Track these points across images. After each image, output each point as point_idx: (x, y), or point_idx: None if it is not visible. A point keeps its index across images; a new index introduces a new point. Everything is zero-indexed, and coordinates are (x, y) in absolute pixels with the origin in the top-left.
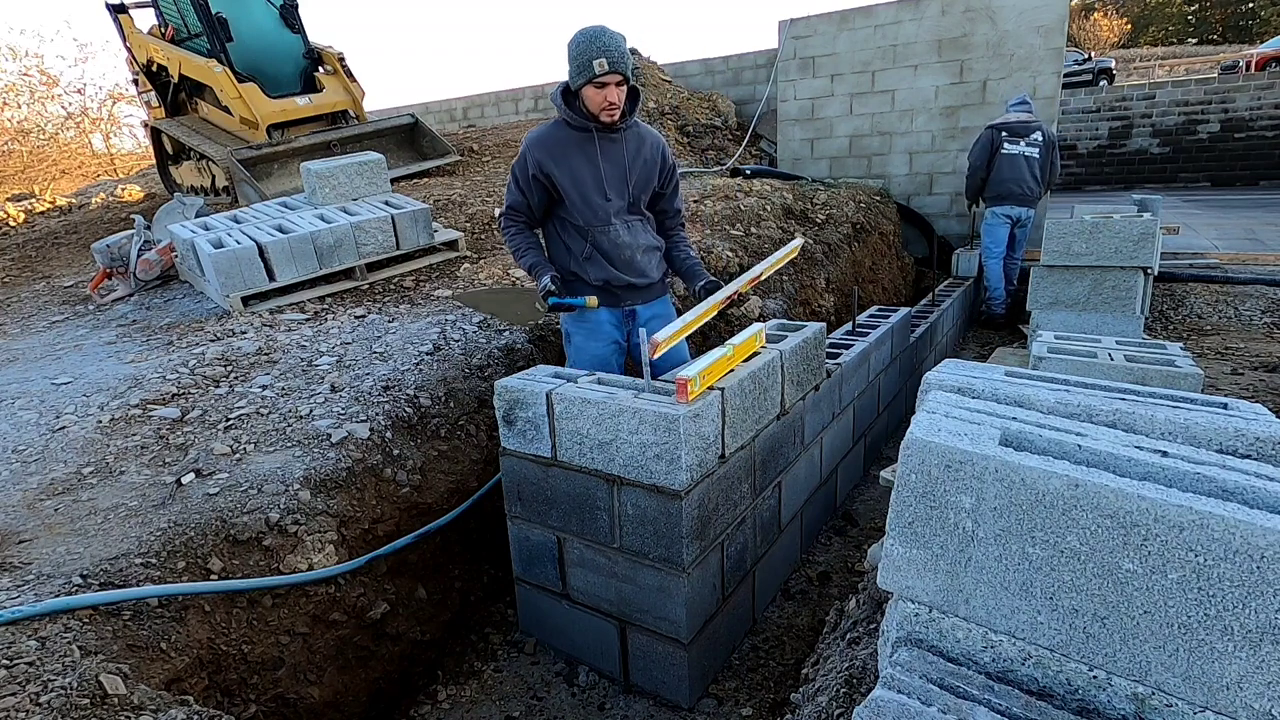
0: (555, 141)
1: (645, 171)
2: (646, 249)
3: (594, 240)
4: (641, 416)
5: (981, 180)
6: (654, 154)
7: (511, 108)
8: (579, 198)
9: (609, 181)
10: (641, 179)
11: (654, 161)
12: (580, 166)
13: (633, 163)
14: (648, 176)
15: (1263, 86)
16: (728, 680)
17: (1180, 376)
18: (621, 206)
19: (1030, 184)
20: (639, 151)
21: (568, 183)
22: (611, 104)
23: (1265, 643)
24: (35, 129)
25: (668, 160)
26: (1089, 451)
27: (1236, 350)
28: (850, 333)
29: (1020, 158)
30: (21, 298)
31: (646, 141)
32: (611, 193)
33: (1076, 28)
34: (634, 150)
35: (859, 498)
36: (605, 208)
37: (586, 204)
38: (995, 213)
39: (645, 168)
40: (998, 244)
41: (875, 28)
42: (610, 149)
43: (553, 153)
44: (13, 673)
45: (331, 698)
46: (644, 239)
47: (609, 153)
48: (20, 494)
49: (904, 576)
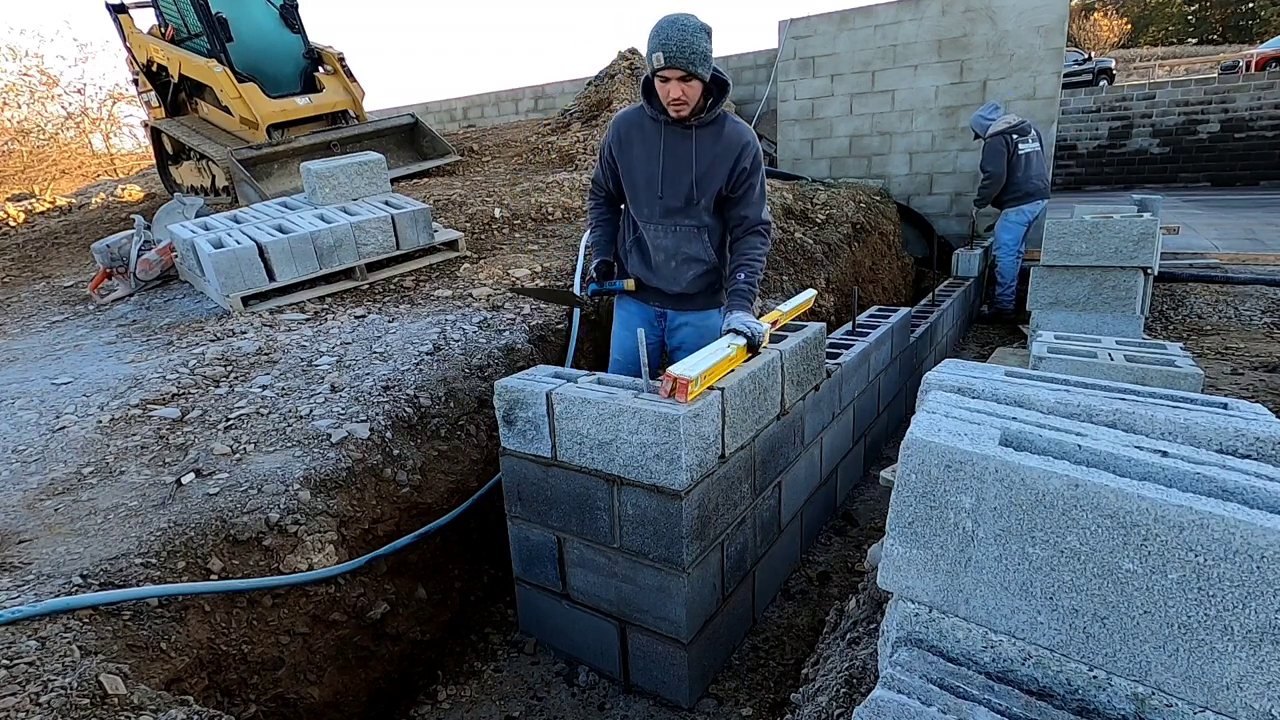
0: (630, 125)
1: (711, 172)
2: (686, 259)
3: (638, 233)
4: (641, 416)
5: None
6: (729, 154)
7: (511, 108)
8: (631, 188)
9: (666, 178)
10: (705, 180)
11: (726, 162)
12: (642, 156)
13: (699, 162)
14: (712, 178)
15: (1263, 86)
16: (728, 680)
17: (1180, 376)
18: (674, 207)
19: (1047, 177)
20: (711, 150)
21: (626, 170)
22: (675, 100)
23: (1265, 643)
24: (35, 129)
25: (743, 163)
26: (1089, 451)
27: (1236, 350)
28: (850, 333)
29: (1036, 156)
30: (21, 298)
31: (725, 140)
32: (665, 190)
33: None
34: (707, 149)
35: (859, 498)
36: (654, 204)
37: (636, 196)
38: (1021, 211)
39: (712, 168)
40: (1017, 241)
41: (875, 28)
42: (678, 144)
43: (625, 136)
44: (13, 673)
45: (331, 698)
46: (688, 248)
47: (675, 148)
48: (20, 494)
49: (904, 576)
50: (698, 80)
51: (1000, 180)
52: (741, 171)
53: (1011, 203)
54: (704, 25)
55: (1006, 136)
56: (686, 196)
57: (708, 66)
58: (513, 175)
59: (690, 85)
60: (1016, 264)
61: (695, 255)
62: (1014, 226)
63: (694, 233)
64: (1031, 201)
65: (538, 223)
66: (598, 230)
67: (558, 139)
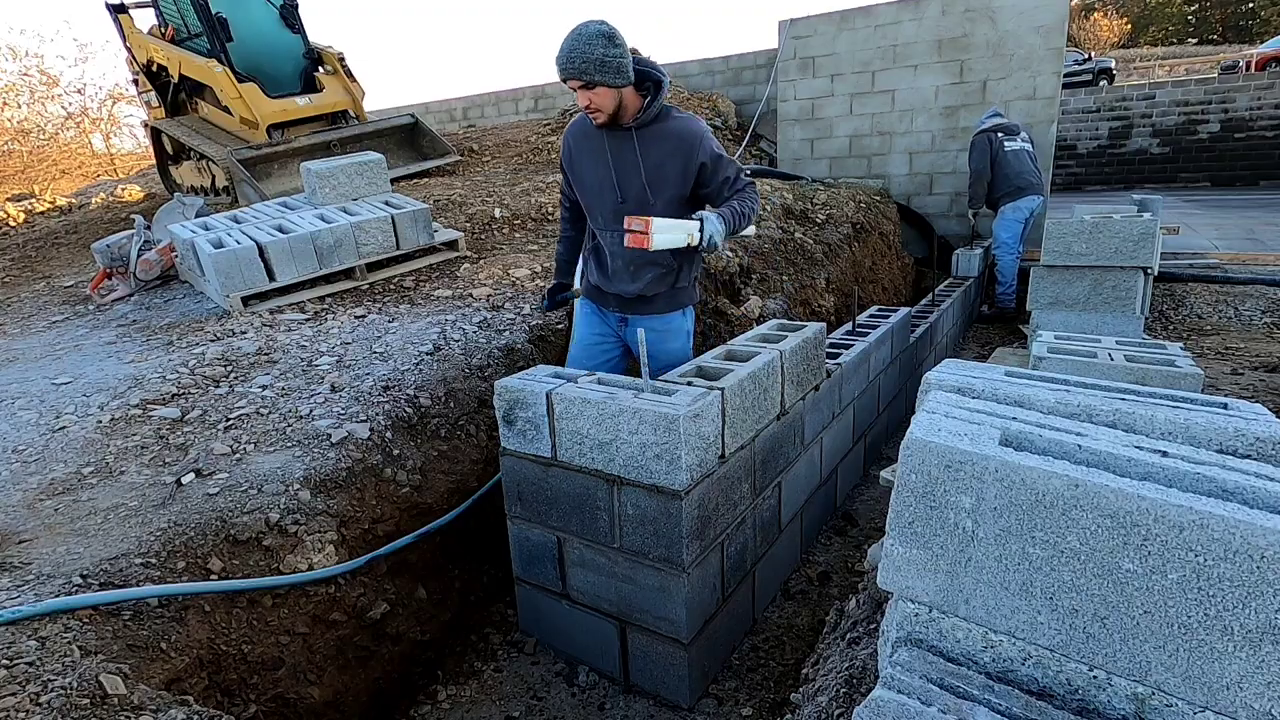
0: (578, 135)
1: (662, 174)
2: (644, 263)
3: (595, 240)
4: (641, 416)
5: (987, 183)
6: (679, 153)
7: (511, 108)
8: (584, 196)
9: (616, 184)
10: (657, 182)
11: (677, 161)
12: (590, 165)
13: (646, 164)
14: (664, 179)
15: (1263, 86)
16: (728, 680)
17: (1180, 376)
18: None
19: (1038, 174)
20: (657, 151)
21: (579, 180)
22: (585, 108)
23: (1265, 643)
24: (35, 129)
25: (699, 158)
26: (1089, 451)
27: (1236, 350)
28: (850, 333)
29: (1022, 153)
30: (21, 298)
31: (671, 139)
32: (613, 196)
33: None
34: (652, 150)
35: (859, 498)
36: (606, 211)
37: (590, 204)
38: (1017, 207)
39: (661, 169)
40: (1015, 239)
41: (875, 28)
42: (622, 148)
43: (574, 146)
44: (13, 673)
45: (331, 698)
46: (643, 254)
47: (620, 152)
48: (20, 494)
49: (904, 576)
50: (603, 87)
51: (983, 176)
52: (702, 168)
53: (1005, 199)
54: (603, 31)
55: (990, 134)
56: (638, 200)
57: (608, 72)
58: (513, 175)
59: (595, 93)
60: (1016, 262)
61: (652, 259)
62: (1011, 224)
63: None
64: (1024, 196)
65: (538, 223)
66: (560, 246)
67: (558, 139)
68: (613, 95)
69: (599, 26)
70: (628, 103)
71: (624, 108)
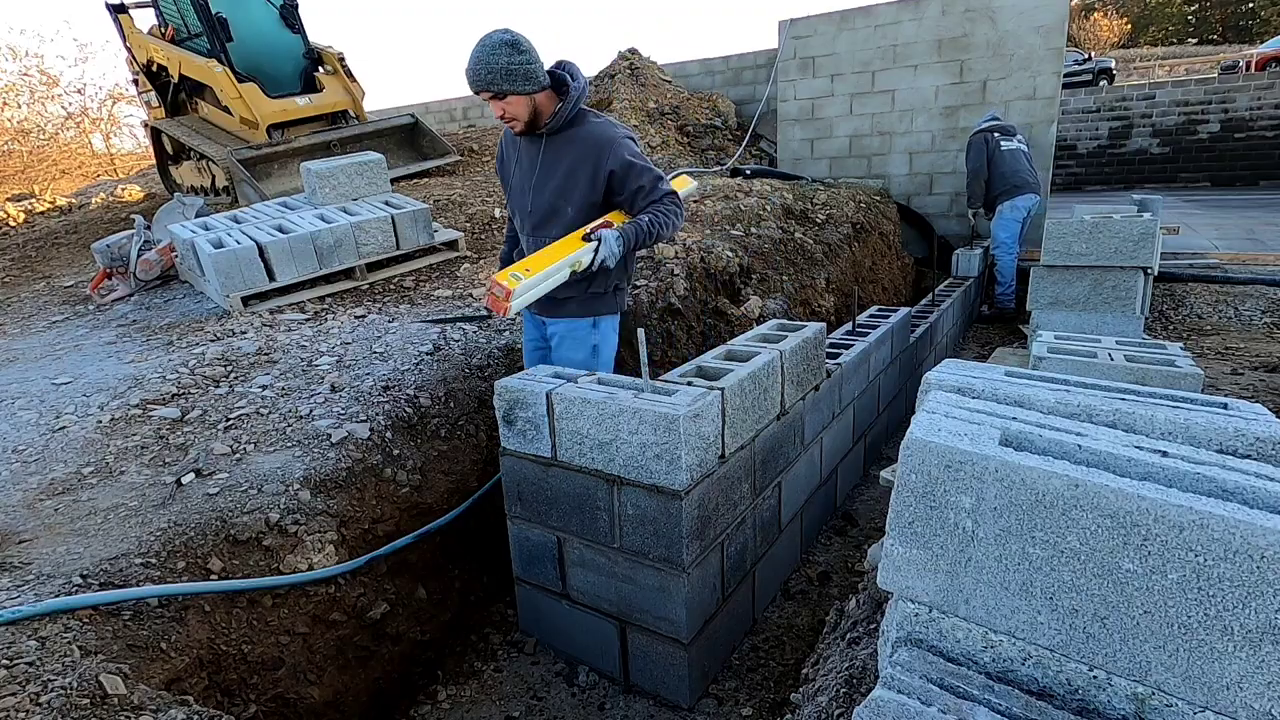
0: (507, 143)
1: (572, 180)
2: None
3: (520, 246)
4: (641, 416)
5: (984, 182)
6: (588, 159)
7: None
8: (510, 203)
9: (531, 190)
10: (567, 189)
11: (586, 167)
12: (514, 172)
13: (557, 169)
14: (574, 185)
15: (1263, 86)
16: (728, 680)
17: (1180, 376)
18: (542, 219)
19: (1034, 173)
20: (567, 156)
21: (507, 187)
22: (500, 117)
23: (1265, 643)
24: (35, 129)
25: (608, 165)
26: (1089, 451)
27: (1236, 350)
28: (850, 333)
29: (1018, 152)
30: (21, 298)
31: (582, 145)
32: (531, 202)
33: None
34: (562, 155)
35: (859, 498)
36: (525, 217)
37: (514, 211)
38: (1015, 206)
39: (572, 175)
40: (1014, 238)
41: (875, 28)
42: (538, 155)
43: (504, 154)
44: (13, 673)
45: (331, 698)
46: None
47: (536, 158)
48: (20, 494)
49: (904, 576)
50: (514, 96)
51: (980, 175)
52: (611, 175)
53: (1002, 197)
54: (506, 40)
55: (987, 135)
56: (551, 206)
57: (516, 80)
58: None
59: (507, 102)
60: (1015, 262)
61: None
62: (1009, 223)
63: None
64: (1020, 195)
65: None
66: (506, 247)
67: None
68: (525, 103)
69: (502, 35)
70: (543, 108)
71: (540, 113)
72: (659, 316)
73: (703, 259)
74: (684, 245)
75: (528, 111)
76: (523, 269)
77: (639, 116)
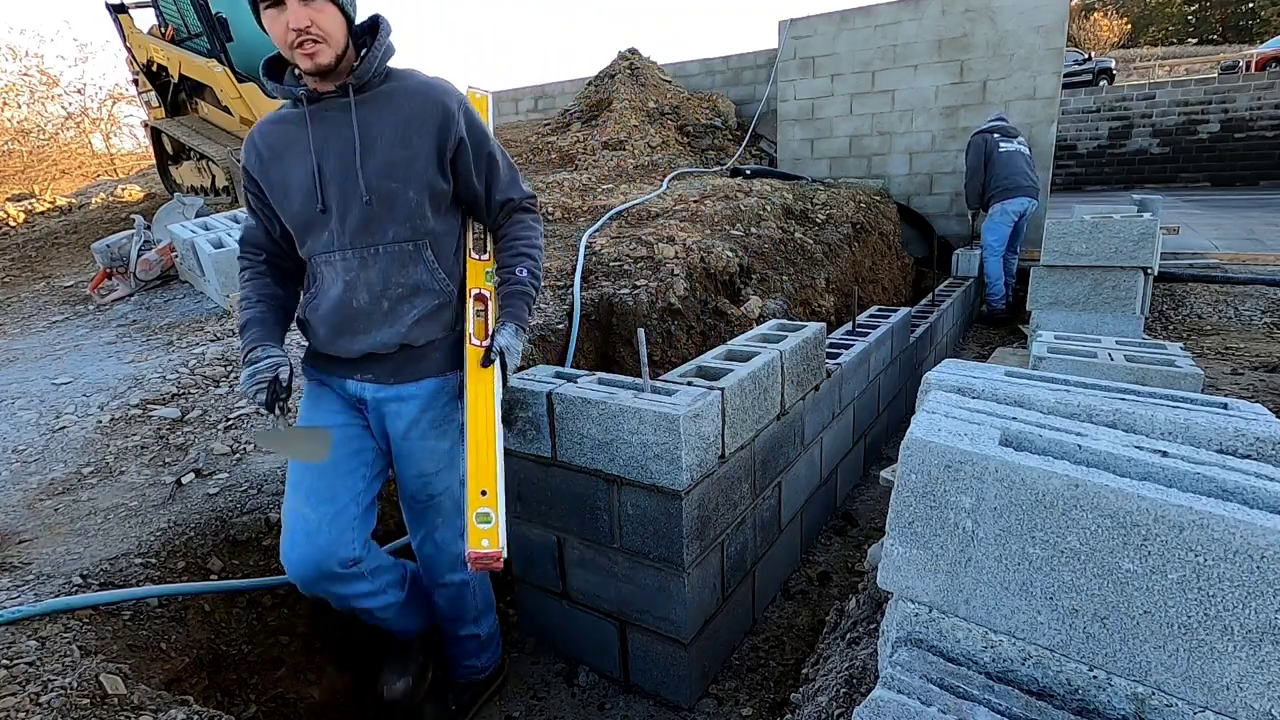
0: (271, 131)
1: (408, 151)
2: (404, 293)
3: (318, 281)
4: (642, 416)
5: (982, 183)
6: (424, 119)
7: (511, 108)
8: (291, 214)
9: (330, 180)
10: (402, 163)
11: (425, 131)
12: (297, 165)
13: (382, 139)
14: (413, 157)
15: (1263, 86)
16: (728, 680)
17: (1180, 376)
18: (365, 218)
19: (1031, 176)
20: (392, 118)
21: (281, 190)
22: (300, 32)
23: (1265, 643)
24: (35, 129)
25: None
26: (1089, 451)
27: (1236, 350)
28: (850, 333)
29: (1017, 154)
30: (21, 298)
31: (410, 101)
32: (331, 198)
33: (1076, 28)
34: (385, 118)
35: (859, 498)
36: (329, 224)
37: (301, 223)
38: (1005, 209)
39: (405, 144)
40: (1001, 241)
41: (875, 28)
42: (340, 127)
43: (269, 147)
44: (13, 673)
45: (331, 698)
46: (401, 274)
47: (332, 135)
48: (20, 494)
49: (904, 576)
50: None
51: (977, 174)
52: (459, 141)
53: (994, 199)
54: None
55: (987, 135)
56: (381, 196)
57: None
58: None
59: (314, 8)
60: (1001, 265)
61: (418, 283)
62: (997, 226)
63: (406, 250)
64: (1013, 197)
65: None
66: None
67: (558, 139)
68: (339, 22)
69: None
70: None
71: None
72: (659, 316)
73: (703, 259)
74: (684, 245)
75: (342, 35)
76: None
77: (639, 116)
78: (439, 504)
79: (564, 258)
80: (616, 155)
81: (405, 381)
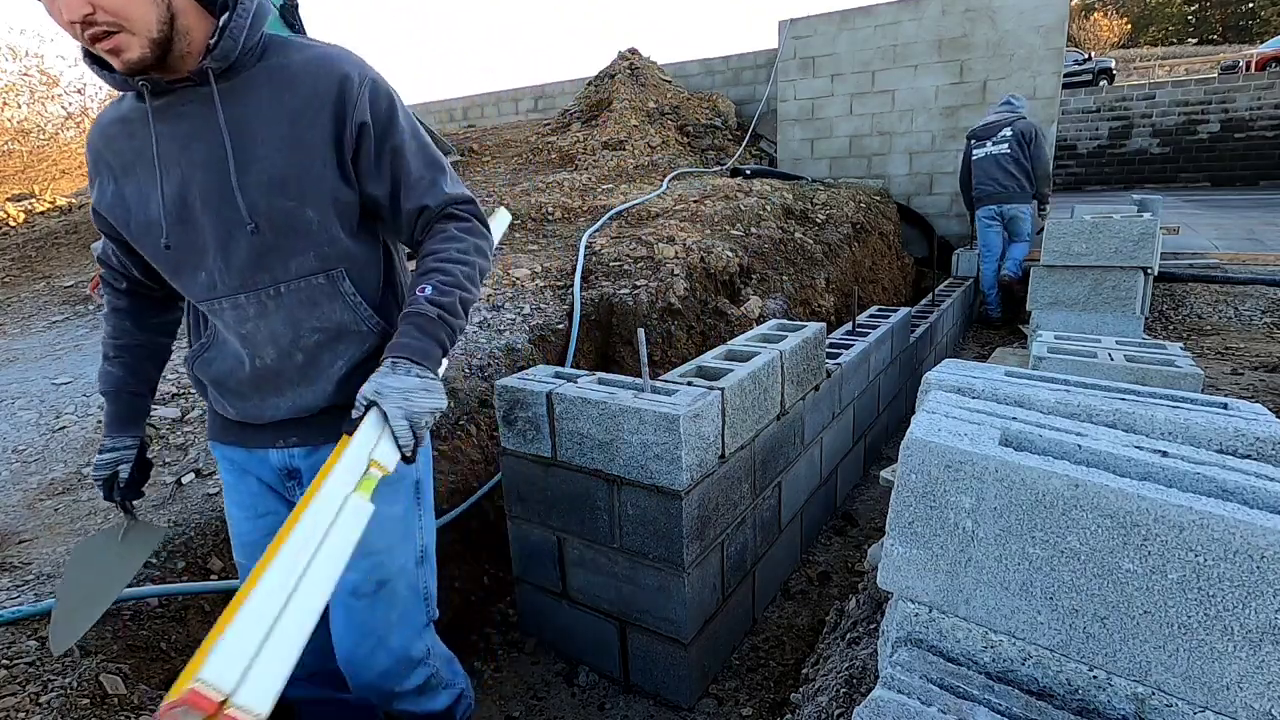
0: (117, 136)
1: (287, 160)
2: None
3: (209, 329)
4: (642, 416)
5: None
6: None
7: (511, 108)
8: (153, 247)
9: (196, 203)
10: (276, 179)
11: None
12: (146, 181)
13: (261, 140)
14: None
15: (1263, 86)
16: (728, 680)
17: (1180, 376)
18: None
19: (1002, 180)
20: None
21: (135, 221)
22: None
23: (1265, 643)
24: (35, 129)
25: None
26: (1089, 451)
27: (1236, 350)
28: (850, 333)
29: (987, 158)
30: (21, 298)
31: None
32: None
33: (1076, 28)
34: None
35: (859, 498)
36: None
37: (171, 261)
38: (980, 216)
39: (287, 150)
40: (989, 247)
41: (875, 28)
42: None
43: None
44: (13, 673)
45: None
46: (314, 316)
47: (194, 140)
48: (20, 494)
49: (904, 576)
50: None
51: (963, 184)
52: (360, 128)
53: (975, 204)
54: None
55: (968, 141)
56: (270, 220)
57: None
58: (513, 175)
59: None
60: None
61: (339, 325)
62: (982, 230)
63: (316, 284)
64: (981, 205)
65: (537, 223)
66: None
67: (558, 139)
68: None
69: None
70: (191, 24)
71: (179, 34)
72: (659, 316)
73: (703, 259)
74: (684, 245)
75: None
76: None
77: (639, 116)
78: (391, 592)
79: (564, 258)
80: (616, 155)
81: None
